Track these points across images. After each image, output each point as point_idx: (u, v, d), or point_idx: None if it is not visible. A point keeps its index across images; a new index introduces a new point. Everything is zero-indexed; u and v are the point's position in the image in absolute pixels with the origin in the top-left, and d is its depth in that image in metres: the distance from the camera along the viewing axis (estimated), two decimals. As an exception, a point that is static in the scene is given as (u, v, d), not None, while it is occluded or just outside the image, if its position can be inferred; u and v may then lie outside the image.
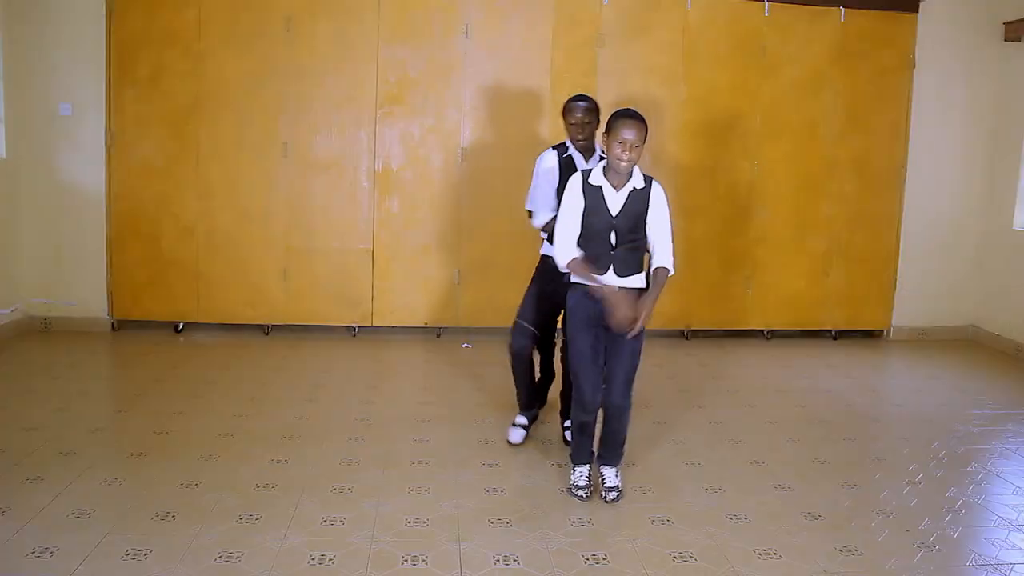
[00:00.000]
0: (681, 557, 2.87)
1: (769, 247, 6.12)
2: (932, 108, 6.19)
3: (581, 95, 3.76)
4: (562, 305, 3.70)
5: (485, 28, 5.74)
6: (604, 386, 3.27)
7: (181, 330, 5.84)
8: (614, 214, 3.15)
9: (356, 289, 5.86)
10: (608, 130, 3.15)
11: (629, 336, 3.12)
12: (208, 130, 5.64)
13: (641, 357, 3.26)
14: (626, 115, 3.11)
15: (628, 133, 3.07)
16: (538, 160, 4.00)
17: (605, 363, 3.27)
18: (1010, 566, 2.89)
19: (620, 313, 3.09)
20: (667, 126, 5.89)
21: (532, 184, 3.94)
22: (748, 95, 5.97)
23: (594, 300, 3.18)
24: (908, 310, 6.39)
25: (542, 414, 4.25)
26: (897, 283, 6.34)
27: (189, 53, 5.57)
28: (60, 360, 5.07)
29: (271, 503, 3.16)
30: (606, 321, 3.17)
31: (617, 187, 3.17)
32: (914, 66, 6.12)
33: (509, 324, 5.87)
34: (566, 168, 3.67)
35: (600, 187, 3.17)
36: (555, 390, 4.67)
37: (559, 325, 3.94)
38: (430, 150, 5.80)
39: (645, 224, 3.20)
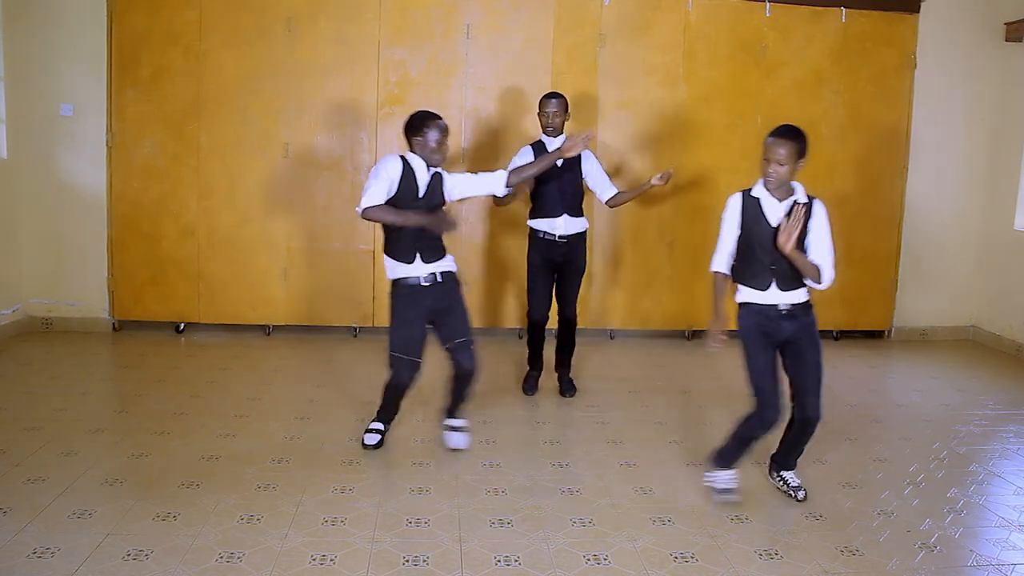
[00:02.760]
0: (682, 557, 2.87)
1: (770, 247, 6.11)
2: (932, 108, 6.18)
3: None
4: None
5: (486, 28, 5.74)
6: (793, 402, 3.25)
7: (182, 330, 5.85)
8: (774, 225, 3.12)
9: (357, 289, 5.86)
10: (763, 150, 3.14)
11: (785, 246, 3.01)
12: (209, 130, 5.64)
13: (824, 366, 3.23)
14: (776, 133, 3.10)
15: (778, 150, 3.06)
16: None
17: (790, 379, 3.25)
18: (1011, 566, 2.89)
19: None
20: (667, 126, 5.89)
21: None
22: (749, 95, 5.96)
23: (768, 318, 3.15)
24: (909, 310, 6.39)
25: (529, 412, 4.27)
26: (898, 283, 6.34)
27: (190, 53, 5.57)
28: (61, 360, 5.07)
29: (272, 503, 3.16)
30: (781, 339, 3.17)
31: (779, 199, 3.14)
32: (915, 66, 6.12)
33: (510, 324, 5.96)
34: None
35: (759, 199, 3.17)
36: (555, 401, 4.65)
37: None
38: (431, 150, 5.81)
39: (805, 240, 3.13)
